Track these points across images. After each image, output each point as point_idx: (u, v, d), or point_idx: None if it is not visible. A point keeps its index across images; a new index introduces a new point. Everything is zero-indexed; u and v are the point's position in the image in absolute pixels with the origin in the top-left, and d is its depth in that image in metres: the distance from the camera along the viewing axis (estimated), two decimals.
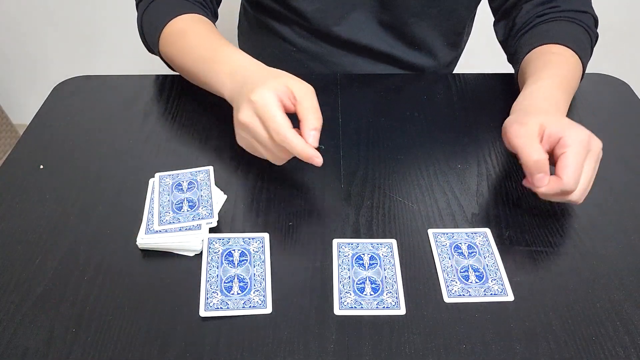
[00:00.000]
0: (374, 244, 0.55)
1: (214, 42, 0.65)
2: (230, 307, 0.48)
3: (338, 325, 0.48)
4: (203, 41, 0.67)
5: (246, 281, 0.50)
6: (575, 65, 0.67)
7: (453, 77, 0.79)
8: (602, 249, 0.55)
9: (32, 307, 0.49)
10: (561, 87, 0.63)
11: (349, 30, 0.80)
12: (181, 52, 0.68)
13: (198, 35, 0.68)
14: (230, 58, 0.62)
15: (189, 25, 0.69)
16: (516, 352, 0.46)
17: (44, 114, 0.72)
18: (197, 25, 0.69)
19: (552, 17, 0.72)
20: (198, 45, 0.66)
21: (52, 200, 0.59)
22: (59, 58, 1.63)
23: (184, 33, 0.69)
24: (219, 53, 0.63)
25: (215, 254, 0.52)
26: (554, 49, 0.68)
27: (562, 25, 0.71)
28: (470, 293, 0.50)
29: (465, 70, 0.84)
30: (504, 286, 0.51)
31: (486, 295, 0.50)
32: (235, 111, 0.57)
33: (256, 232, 0.54)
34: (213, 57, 0.64)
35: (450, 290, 0.50)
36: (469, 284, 0.51)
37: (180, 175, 0.60)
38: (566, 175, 0.52)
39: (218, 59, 0.63)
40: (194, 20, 0.70)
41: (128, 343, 0.46)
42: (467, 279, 0.51)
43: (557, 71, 0.64)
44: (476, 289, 0.51)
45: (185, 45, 0.68)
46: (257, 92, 0.53)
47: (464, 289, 0.50)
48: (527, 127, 0.55)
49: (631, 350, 0.46)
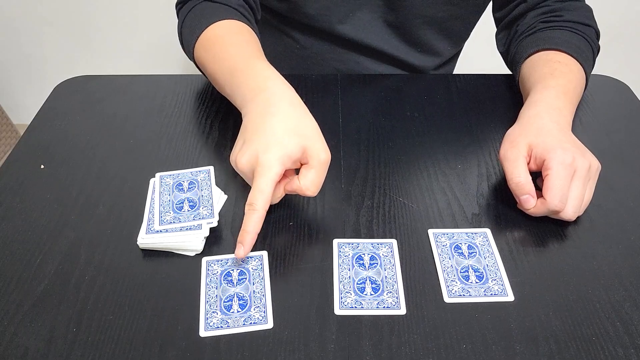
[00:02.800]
0: (374, 244, 0.55)
1: (248, 54, 0.63)
2: (231, 325, 0.47)
3: (338, 325, 0.48)
4: (237, 51, 0.64)
5: (246, 299, 0.49)
6: (579, 75, 0.67)
7: (453, 77, 0.79)
8: (602, 249, 0.55)
9: (32, 307, 0.49)
10: (567, 96, 0.63)
11: (353, 29, 0.80)
12: (213, 60, 0.66)
13: (233, 45, 0.65)
14: (259, 73, 0.59)
15: (227, 33, 0.67)
16: (516, 352, 0.46)
17: (44, 114, 0.72)
18: (235, 33, 0.67)
19: (556, 25, 0.72)
20: (232, 55, 0.64)
21: (53, 200, 0.59)
22: (59, 58, 1.63)
23: (221, 40, 0.66)
24: (249, 65, 0.60)
25: (213, 276, 0.52)
26: (558, 57, 0.68)
27: (566, 34, 0.71)
28: (471, 293, 0.50)
29: (465, 70, 0.85)
30: (504, 286, 0.51)
31: (486, 295, 0.50)
32: (240, 141, 0.54)
33: (253, 251, 0.54)
34: (243, 68, 0.61)
35: (451, 290, 0.50)
36: (469, 284, 0.51)
37: (181, 175, 0.60)
38: (549, 197, 0.54)
39: (247, 72, 0.60)
40: (233, 28, 0.68)
41: (128, 343, 0.46)
42: (467, 279, 0.51)
43: (562, 81, 0.64)
44: (476, 289, 0.51)
45: (218, 54, 0.65)
46: (267, 157, 0.51)
47: (464, 289, 0.51)
48: (515, 149, 0.57)
49: (631, 350, 0.46)
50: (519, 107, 0.65)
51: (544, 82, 0.64)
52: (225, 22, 0.68)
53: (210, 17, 0.68)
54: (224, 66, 0.63)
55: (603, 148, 0.67)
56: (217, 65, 0.65)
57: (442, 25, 0.80)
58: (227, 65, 0.63)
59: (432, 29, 0.80)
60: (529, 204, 0.55)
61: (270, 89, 0.56)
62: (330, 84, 0.77)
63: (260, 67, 0.60)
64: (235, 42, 0.65)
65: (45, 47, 1.61)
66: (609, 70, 0.86)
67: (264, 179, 0.50)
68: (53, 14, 1.52)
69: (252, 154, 0.52)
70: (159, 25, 1.52)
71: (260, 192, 0.50)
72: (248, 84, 0.59)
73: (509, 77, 0.79)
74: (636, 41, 1.53)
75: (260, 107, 0.55)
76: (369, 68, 0.85)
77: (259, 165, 0.51)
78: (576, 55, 0.68)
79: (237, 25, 0.68)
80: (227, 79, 0.62)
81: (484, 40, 1.04)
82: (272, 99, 0.55)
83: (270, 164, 0.51)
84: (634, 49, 1.55)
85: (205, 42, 0.68)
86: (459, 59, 0.96)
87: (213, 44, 0.67)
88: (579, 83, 0.66)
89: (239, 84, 0.60)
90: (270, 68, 0.60)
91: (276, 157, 0.51)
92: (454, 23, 0.80)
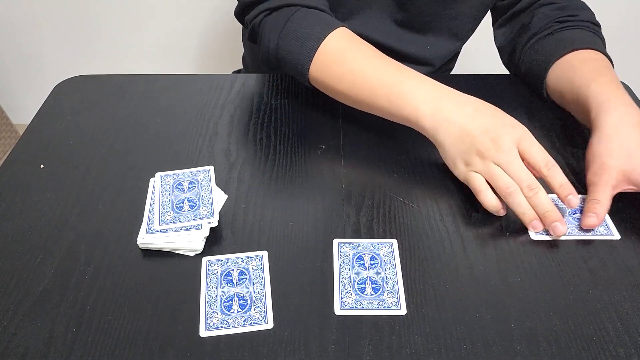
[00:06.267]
0: (375, 244, 0.55)
1: (392, 63, 0.63)
2: (231, 325, 0.47)
3: (339, 325, 0.48)
4: (378, 63, 0.63)
5: (246, 299, 0.49)
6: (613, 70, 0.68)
7: (453, 78, 0.79)
8: (602, 249, 0.54)
9: (32, 307, 0.49)
10: (622, 89, 0.63)
11: (359, 26, 0.79)
12: (351, 77, 0.64)
13: (369, 56, 0.64)
14: (424, 79, 0.61)
15: (350, 45, 0.65)
16: (517, 352, 0.46)
17: (44, 114, 0.72)
18: (359, 43, 0.66)
19: (575, 25, 0.72)
20: (376, 66, 0.63)
21: (53, 200, 0.59)
22: (58, 58, 1.62)
23: (348, 53, 0.64)
24: (406, 76, 0.61)
25: (214, 276, 0.51)
26: (593, 55, 0.69)
27: (587, 34, 0.71)
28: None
29: (465, 70, 0.84)
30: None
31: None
32: (475, 140, 0.56)
33: (253, 251, 0.54)
34: (401, 80, 0.61)
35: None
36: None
37: (181, 174, 0.59)
38: None
39: (409, 83, 0.60)
40: (352, 39, 0.66)
41: (128, 343, 0.46)
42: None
43: (612, 77, 0.65)
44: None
45: (356, 69, 0.63)
46: (518, 125, 0.56)
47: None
48: (606, 175, 0.57)
49: (632, 350, 0.46)
50: (519, 107, 0.65)
51: (600, 80, 0.64)
52: (339, 32, 0.66)
53: (322, 28, 0.66)
54: (372, 82, 0.62)
55: None
56: (361, 81, 0.63)
57: (450, 23, 0.80)
58: (378, 80, 0.62)
59: (440, 26, 0.80)
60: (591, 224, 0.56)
61: (444, 100, 0.59)
62: None
63: (417, 74, 0.62)
64: (368, 53, 0.65)
65: (44, 47, 1.60)
66: None
67: (534, 142, 0.55)
68: (53, 14, 1.52)
69: (505, 130, 0.56)
70: (158, 25, 1.52)
71: (541, 151, 0.55)
72: (418, 95, 0.60)
73: (509, 77, 0.79)
74: (636, 41, 1.53)
75: (458, 106, 0.58)
76: None
77: (520, 134, 0.56)
78: (605, 53, 0.69)
79: (351, 35, 0.67)
80: (381, 94, 0.62)
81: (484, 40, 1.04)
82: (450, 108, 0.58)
83: (523, 132, 0.56)
84: (634, 49, 1.55)
85: (329, 56, 0.65)
86: (459, 59, 0.96)
87: (342, 58, 0.65)
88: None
89: (404, 97, 0.60)
90: (425, 77, 0.62)
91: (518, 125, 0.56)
92: (462, 20, 0.80)
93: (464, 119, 0.57)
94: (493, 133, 0.56)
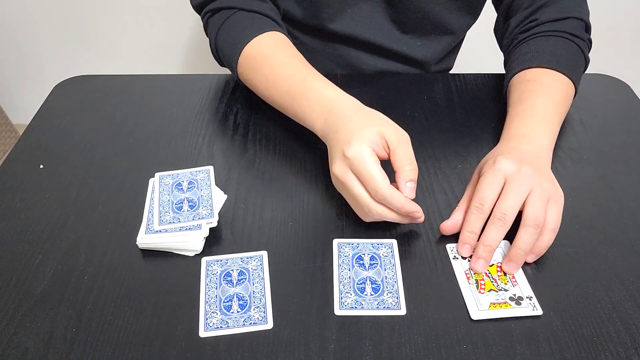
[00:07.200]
0: (375, 244, 0.55)
1: (302, 73, 0.63)
2: (230, 325, 0.47)
3: (339, 325, 0.48)
4: (290, 71, 0.64)
5: (245, 299, 0.49)
6: (553, 88, 0.65)
7: (453, 77, 0.79)
8: (602, 249, 0.54)
9: (32, 307, 0.49)
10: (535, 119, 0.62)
11: (346, 25, 0.79)
12: (266, 81, 0.66)
13: (284, 65, 0.65)
14: (322, 94, 0.60)
15: (272, 51, 0.67)
16: (516, 352, 0.46)
17: (44, 114, 0.72)
18: (280, 49, 0.67)
19: (532, 35, 0.71)
20: (286, 76, 0.64)
21: (52, 200, 0.59)
22: (58, 58, 1.62)
23: (268, 60, 0.66)
24: (308, 87, 0.61)
25: (213, 276, 0.51)
26: (530, 75, 0.67)
27: (542, 43, 0.69)
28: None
29: (465, 70, 0.84)
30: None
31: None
32: (330, 160, 0.56)
33: (253, 251, 0.54)
34: (303, 91, 0.61)
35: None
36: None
37: (181, 175, 0.59)
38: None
39: (308, 95, 0.61)
40: (277, 43, 0.68)
41: (128, 343, 0.46)
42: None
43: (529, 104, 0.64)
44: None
45: (270, 75, 0.65)
46: (353, 147, 0.52)
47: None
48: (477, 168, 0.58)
49: (632, 350, 0.46)
50: None
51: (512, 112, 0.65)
52: (266, 36, 0.68)
53: (250, 31, 0.68)
54: (282, 90, 0.64)
55: (603, 148, 0.67)
56: (273, 87, 0.65)
57: (442, 19, 0.79)
58: (286, 90, 0.63)
59: (432, 23, 0.80)
60: None
61: (339, 109, 0.58)
62: None
63: (321, 86, 0.61)
64: (284, 61, 0.66)
65: (44, 47, 1.60)
66: (609, 69, 0.86)
67: (366, 166, 0.51)
68: (52, 14, 1.52)
69: (341, 159, 0.53)
70: (158, 25, 1.52)
71: (371, 179, 0.51)
72: (314, 107, 0.60)
73: None
74: (636, 41, 1.53)
75: (333, 127, 0.56)
76: (369, 63, 0.84)
77: (352, 160, 0.52)
78: (552, 65, 0.67)
79: (278, 38, 0.68)
80: (288, 101, 0.63)
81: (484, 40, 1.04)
82: (340, 115, 0.57)
83: (360, 150, 0.52)
84: (634, 49, 1.55)
85: (251, 60, 0.67)
86: (459, 59, 0.96)
87: (261, 63, 0.66)
88: (552, 98, 0.64)
89: (305, 107, 0.61)
90: (329, 85, 0.61)
91: (362, 144, 0.52)
92: (454, 17, 0.80)
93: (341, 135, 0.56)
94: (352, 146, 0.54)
